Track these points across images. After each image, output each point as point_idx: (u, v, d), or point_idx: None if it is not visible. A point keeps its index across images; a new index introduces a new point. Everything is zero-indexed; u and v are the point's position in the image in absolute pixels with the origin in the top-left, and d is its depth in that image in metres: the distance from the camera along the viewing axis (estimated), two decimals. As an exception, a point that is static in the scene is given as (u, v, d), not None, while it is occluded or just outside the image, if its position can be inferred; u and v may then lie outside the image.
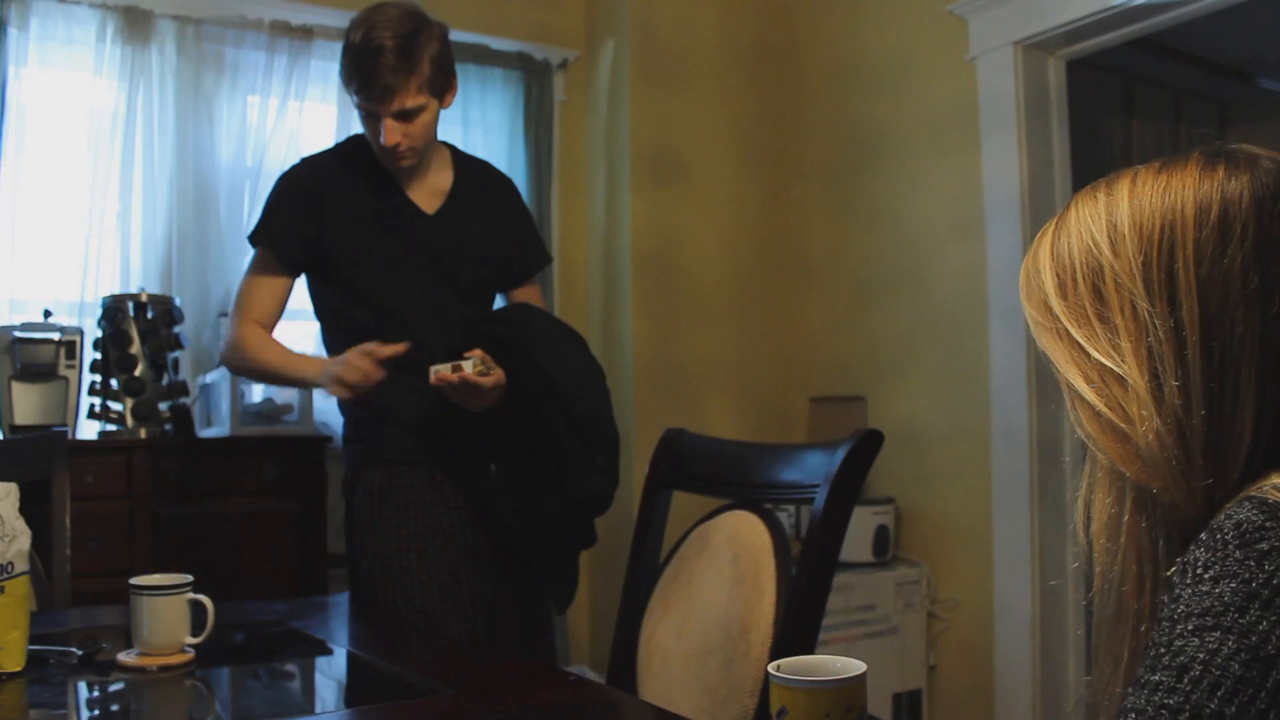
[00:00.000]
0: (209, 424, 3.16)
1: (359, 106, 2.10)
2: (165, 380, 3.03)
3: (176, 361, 3.10)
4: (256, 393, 3.16)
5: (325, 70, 3.58)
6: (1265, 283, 0.76)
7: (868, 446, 1.61)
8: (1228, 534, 0.69)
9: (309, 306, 3.50)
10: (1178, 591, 0.69)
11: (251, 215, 3.40)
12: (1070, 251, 0.84)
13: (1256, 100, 5.04)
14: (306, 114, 3.54)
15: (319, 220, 2.15)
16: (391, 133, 2.08)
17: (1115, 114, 4.38)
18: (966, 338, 3.48)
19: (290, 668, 1.58)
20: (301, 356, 2.18)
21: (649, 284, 3.90)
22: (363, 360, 2.00)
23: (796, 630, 1.56)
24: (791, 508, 3.52)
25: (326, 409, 3.42)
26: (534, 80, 3.97)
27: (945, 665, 3.54)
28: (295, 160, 2.29)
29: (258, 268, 2.21)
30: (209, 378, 3.17)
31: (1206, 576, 0.68)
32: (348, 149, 2.27)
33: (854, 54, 3.96)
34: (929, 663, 3.52)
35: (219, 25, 3.40)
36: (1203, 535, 0.71)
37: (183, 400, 3.09)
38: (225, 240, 3.37)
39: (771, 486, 1.79)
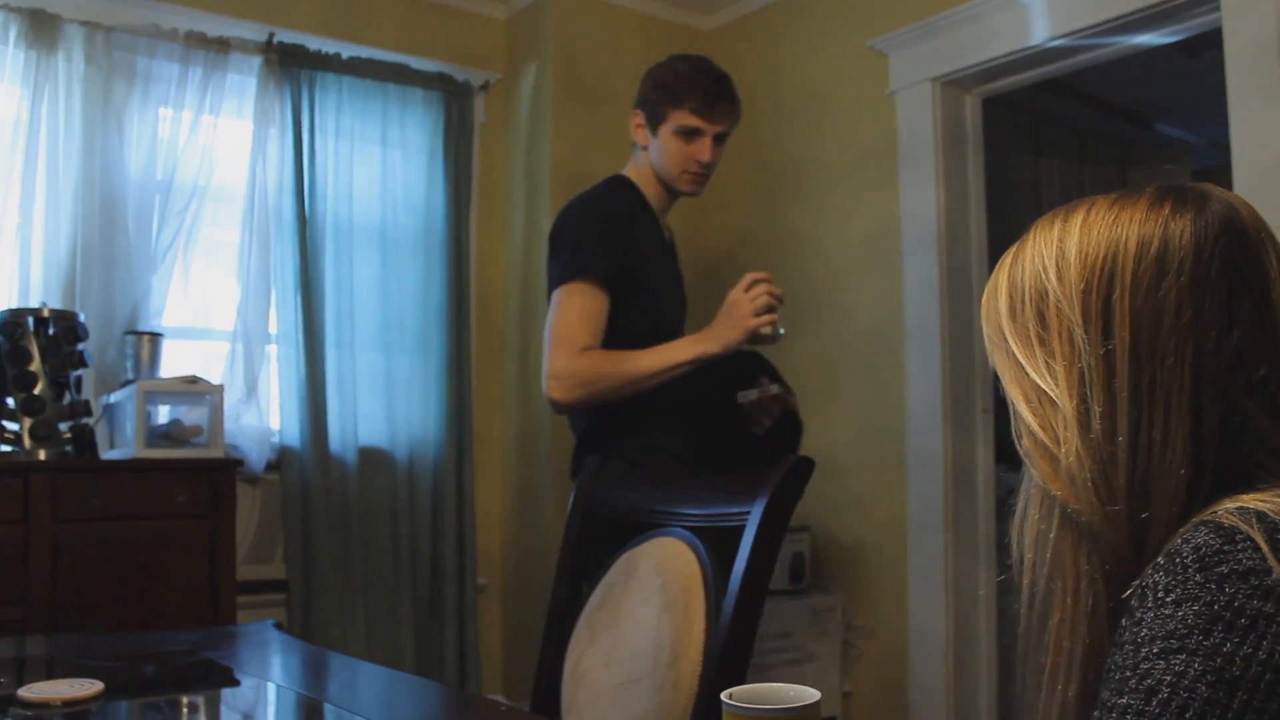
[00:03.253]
0: (112, 445, 3.05)
1: (683, 125, 2.32)
2: (66, 399, 2.92)
3: (79, 380, 2.98)
4: (163, 414, 3.06)
5: (241, 84, 3.50)
6: (1199, 318, 0.78)
7: (799, 474, 1.61)
8: (1187, 558, 0.70)
9: (219, 325, 3.44)
10: (1139, 615, 0.70)
11: (162, 231, 3.30)
12: (1023, 275, 0.86)
13: (1155, 144, 5.24)
14: (221, 129, 3.46)
15: (631, 239, 2.28)
16: (711, 151, 2.34)
17: (1025, 151, 4.51)
18: (883, 367, 3.52)
19: (204, 701, 1.51)
20: (669, 344, 2.21)
21: (568, 309, 3.88)
22: (750, 287, 2.18)
23: (729, 659, 1.54)
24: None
25: (235, 431, 3.33)
26: (454, 102, 3.94)
27: (860, 692, 3.56)
28: (590, 198, 2.39)
29: (575, 296, 2.23)
30: (113, 397, 3.05)
31: (1168, 600, 0.69)
32: (617, 187, 2.42)
33: (775, 85, 4.01)
34: (844, 690, 3.54)
35: (131, 34, 3.30)
36: (1160, 559, 0.72)
37: (85, 420, 2.97)
38: (133, 255, 3.26)
39: (700, 514, 1.77)
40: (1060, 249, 0.84)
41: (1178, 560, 0.70)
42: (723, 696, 0.85)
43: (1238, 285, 0.79)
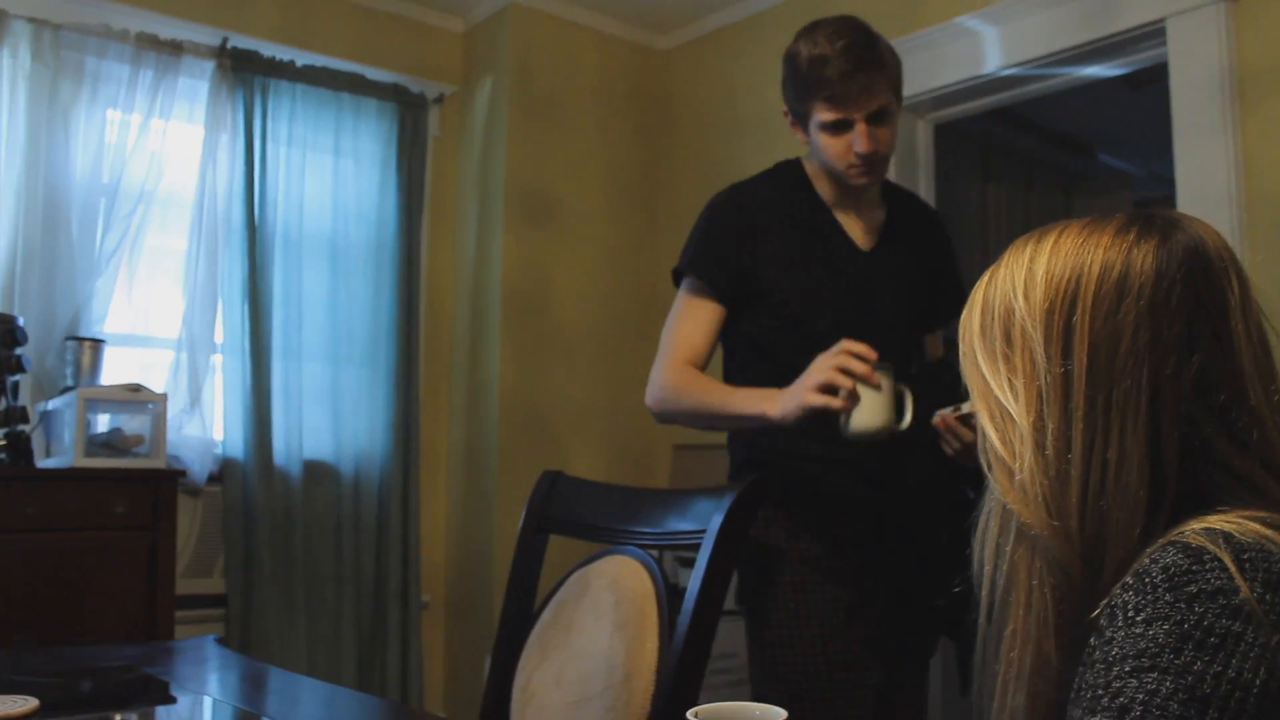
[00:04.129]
0: (49, 454, 2.97)
1: (824, 121, 1.91)
2: (2, 405, 2.84)
3: (16, 385, 2.90)
4: (102, 422, 2.99)
5: (193, 89, 3.45)
6: (1157, 342, 0.80)
7: (754, 494, 1.61)
8: (1156, 577, 0.71)
9: (163, 334, 3.37)
10: (1109, 634, 0.72)
11: (107, 235, 3.24)
12: (995, 294, 0.89)
13: (1097, 174, 5.35)
14: (171, 134, 3.40)
15: (752, 250, 1.97)
16: (868, 138, 1.89)
17: (974, 178, 4.58)
18: (832, 389, 3.54)
19: (142, 718, 1.48)
20: (747, 390, 1.87)
21: (517, 325, 3.87)
22: (835, 357, 1.69)
23: (682, 678, 1.53)
24: (655, 552, 3.50)
25: (177, 442, 3.27)
26: (409, 113, 3.92)
27: (803, 713, 3.56)
28: (722, 190, 2.07)
29: (686, 303, 2.00)
30: (51, 404, 2.98)
31: (1139, 619, 0.70)
32: (778, 176, 2.09)
33: (731, 104, 4.04)
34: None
35: (80, 33, 3.24)
36: (1129, 579, 0.73)
37: (21, 427, 2.89)
38: (76, 260, 3.19)
39: (655, 533, 1.77)
40: (1029, 270, 0.86)
41: (1147, 580, 0.71)
42: (689, 715, 0.84)
43: (1198, 312, 0.80)
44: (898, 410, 1.70)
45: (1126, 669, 0.68)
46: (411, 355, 3.84)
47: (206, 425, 3.38)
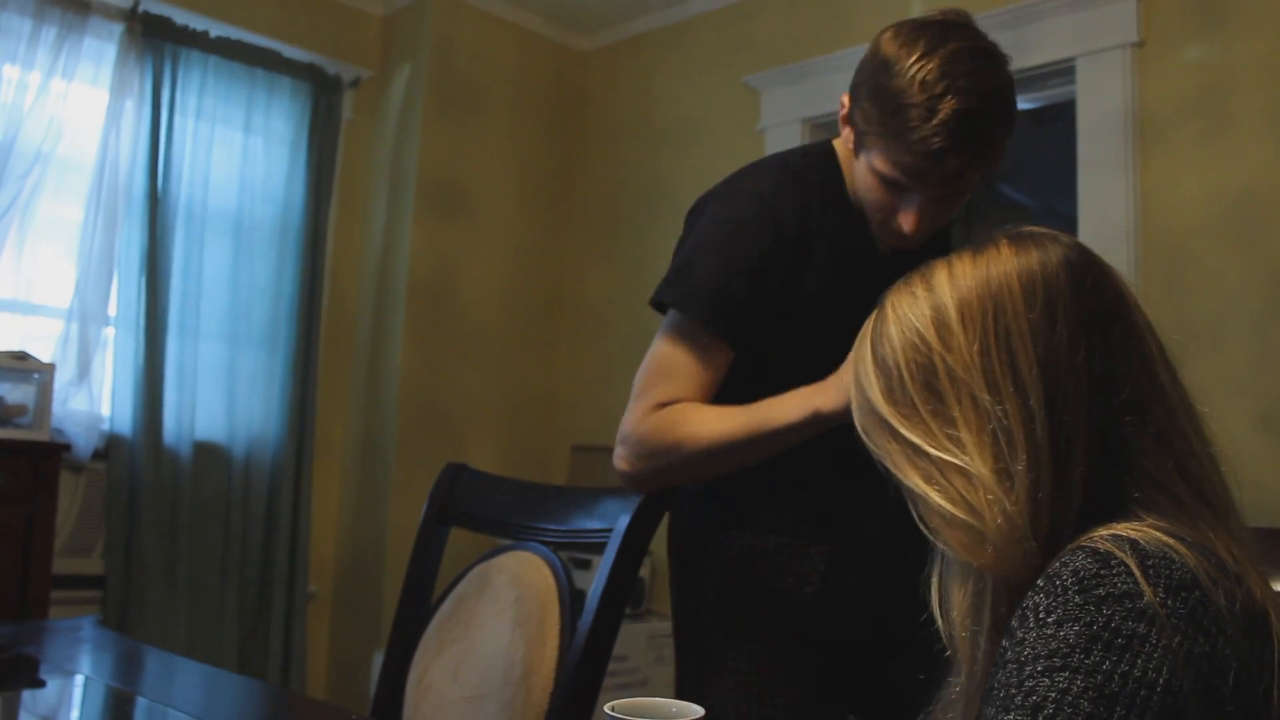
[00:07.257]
0: (-78, 421, 2.84)
1: (883, 175, 1.40)
2: (-125, 367, 2.71)
3: (-109, 348, 2.78)
4: (-18, 391, 2.87)
5: (99, 51, 3.34)
6: (1089, 353, 0.81)
7: (663, 495, 1.62)
8: (1066, 580, 0.74)
9: (53, 302, 3.24)
10: (1020, 635, 0.74)
11: (-3, 196, 3.11)
12: (894, 352, 0.85)
13: (997, 205, 5.51)
14: (73, 96, 3.28)
15: (784, 286, 1.52)
16: (920, 219, 1.44)
17: (880, 200, 4.67)
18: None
19: (23, 699, 1.42)
20: (777, 398, 1.42)
21: (421, 316, 3.83)
22: None
23: (582, 678, 1.53)
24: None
25: (63, 415, 3.15)
26: (323, 95, 3.85)
27: None
28: (752, 185, 1.53)
29: (679, 336, 1.51)
30: (-72, 369, 2.85)
31: (1050, 620, 0.72)
32: (808, 177, 1.54)
33: (647, 110, 4.06)
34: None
35: (-20, -16, 3.11)
36: (1040, 582, 0.75)
37: (-106, 392, 2.77)
38: (-37, 220, 3.05)
39: (560, 530, 1.76)
40: (935, 314, 0.84)
41: (1057, 583, 0.74)
42: (605, 708, 0.85)
43: (1107, 314, 0.83)
44: None
45: (1039, 668, 0.71)
46: (311, 340, 3.77)
47: (95, 399, 3.26)
